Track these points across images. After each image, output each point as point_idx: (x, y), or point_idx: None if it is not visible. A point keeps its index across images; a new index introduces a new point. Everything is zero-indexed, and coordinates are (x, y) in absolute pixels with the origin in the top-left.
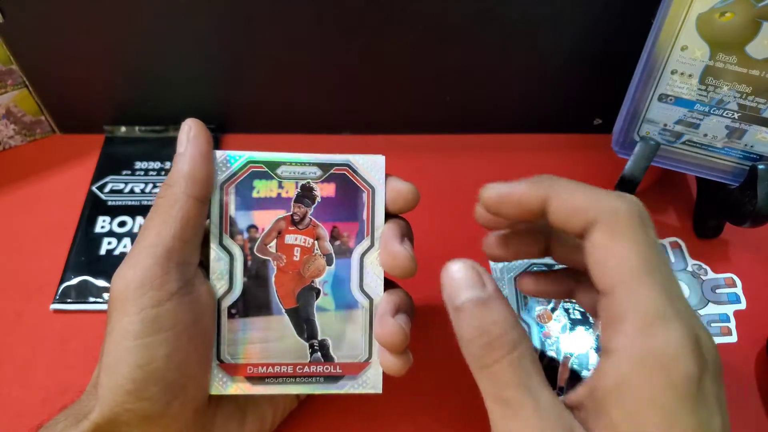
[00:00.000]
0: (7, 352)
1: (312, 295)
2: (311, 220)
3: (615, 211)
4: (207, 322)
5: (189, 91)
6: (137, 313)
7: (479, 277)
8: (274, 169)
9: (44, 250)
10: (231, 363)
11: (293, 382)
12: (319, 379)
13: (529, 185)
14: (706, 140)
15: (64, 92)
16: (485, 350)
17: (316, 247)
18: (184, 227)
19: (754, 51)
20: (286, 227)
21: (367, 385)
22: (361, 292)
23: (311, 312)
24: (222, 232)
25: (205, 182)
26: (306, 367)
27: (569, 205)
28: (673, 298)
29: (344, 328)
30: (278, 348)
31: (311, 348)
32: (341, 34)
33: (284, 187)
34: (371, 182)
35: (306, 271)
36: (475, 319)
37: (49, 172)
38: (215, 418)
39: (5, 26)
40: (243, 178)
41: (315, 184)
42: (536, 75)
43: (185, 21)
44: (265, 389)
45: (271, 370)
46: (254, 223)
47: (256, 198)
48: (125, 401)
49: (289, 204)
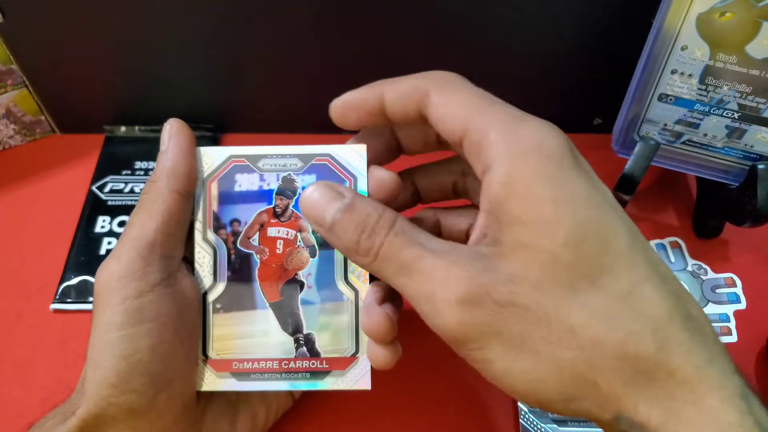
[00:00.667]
0: (7, 352)
1: (296, 288)
2: (293, 212)
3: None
4: (192, 316)
5: (189, 91)
6: (120, 303)
7: (335, 190)
8: (256, 163)
9: (44, 250)
10: (216, 359)
11: (279, 378)
12: (306, 375)
13: (366, 89)
14: (706, 140)
15: (64, 92)
16: (370, 239)
17: (299, 239)
18: (166, 221)
19: (754, 51)
20: (268, 220)
21: (356, 382)
22: (345, 284)
23: (295, 305)
24: (206, 226)
25: (186, 176)
26: (292, 362)
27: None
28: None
29: (329, 321)
30: (263, 343)
31: (296, 342)
32: (341, 34)
33: (265, 180)
34: (353, 171)
35: (289, 264)
36: (350, 224)
37: (49, 172)
38: (205, 415)
39: (5, 26)
40: (225, 172)
41: (296, 176)
42: (536, 75)
43: (185, 21)
44: (251, 386)
45: (256, 366)
46: (237, 216)
47: (238, 192)
48: (110, 394)
49: (271, 196)
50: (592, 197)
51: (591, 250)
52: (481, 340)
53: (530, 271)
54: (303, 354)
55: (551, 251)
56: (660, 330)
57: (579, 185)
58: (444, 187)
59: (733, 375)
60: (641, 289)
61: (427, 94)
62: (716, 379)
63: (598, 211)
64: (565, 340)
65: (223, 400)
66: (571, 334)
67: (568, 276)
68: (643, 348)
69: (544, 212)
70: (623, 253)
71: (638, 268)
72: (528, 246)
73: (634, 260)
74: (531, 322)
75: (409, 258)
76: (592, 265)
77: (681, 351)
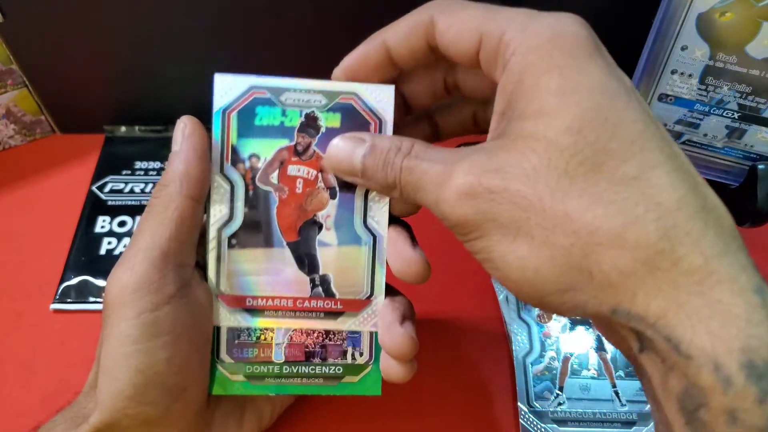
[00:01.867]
0: (7, 352)
1: (314, 228)
2: (315, 152)
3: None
4: (206, 324)
5: (189, 90)
6: (135, 317)
7: (356, 137)
8: (278, 96)
9: (44, 250)
10: (230, 294)
11: (293, 316)
12: (319, 314)
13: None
14: (706, 140)
15: (64, 92)
16: (393, 172)
17: (319, 180)
18: (179, 228)
19: (754, 51)
20: (288, 158)
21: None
22: (364, 228)
23: (313, 246)
24: (223, 160)
25: (200, 181)
26: (306, 301)
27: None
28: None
29: (346, 264)
30: (278, 281)
31: (312, 282)
32: (342, 33)
33: (288, 116)
34: (379, 114)
35: (308, 204)
36: (377, 164)
37: (49, 172)
38: (214, 417)
39: (5, 26)
40: (246, 104)
41: (320, 113)
42: None
43: (185, 21)
44: (265, 322)
45: (270, 303)
46: (256, 151)
47: (258, 126)
48: (126, 406)
49: (293, 133)
50: (606, 85)
51: (594, 136)
52: (480, 229)
53: (525, 159)
54: (318, 294)
55: (550, 138)
56: (666, 217)
57: (592, 74)
58: (464, 120)
59: (748, 269)
60: (650, 174)
61: (433, 23)
62: (728, 272)
63: (609, 99)
64: (560, 226)
65: (231, 401)
66: (567, 219)
67: (566, 162)
68: (644, 235)
69: (548, 102)
70: (633, 138)
71: (650, 153)
72: (527, 136)
73: (645, 145)
74: (525, 207)
75: (421, 173)
76: (595, 150)
77: (689, 241)
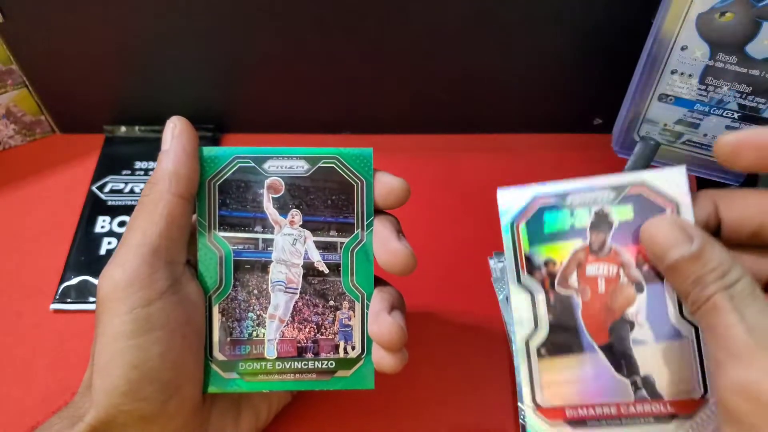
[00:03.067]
0: (7, 352)
1: (625, 327)
2: (612, 247)
3: None
4: (198, 320)
5: (189, 91)
6: (128, 312)
7: (685, 232)
8: (563, 200)
9: (44, 250)
10: (548, 407)
11: (619, 425)
12: (648, 419)
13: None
14: (706, 140)
15: (64, 92)
16: (703, 292)
17: (622, 275)
18: (169, 225)
19: (754, 51)
20: (585, 257)
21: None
22: (682, 319)
23: (627, 346)
24: (519, 270)
25: (189, 180)
26: (631, 406)
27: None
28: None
29: (668, 361)
30: (597, 387)
31: (633, 385)
32: (341, 34)
33: (575, 216)
34: (673, 197)
35: (614, 302)
36: (691, 274)
37: (49, 172)
38: (211, 414)
39: (5, 26)
40: (533, 213)
41: (610, 208)
42: (536, 75)
43: (185, 21)
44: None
45: (592, 412)
46: (550, 257)
47: (548, 232)
48: (121, 403)
49: (585, 233)
50: None
51: None
52: (740, 427)
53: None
54: (642, 397)
55: None
56: None
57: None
58: (751, 216)
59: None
60: None
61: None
62: None
63: None
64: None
65: (227, 399)
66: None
67: None
68: None
69: None
70: None
71: None
72: None
73: None
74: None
75: (724, 324)
76: None
77: None
